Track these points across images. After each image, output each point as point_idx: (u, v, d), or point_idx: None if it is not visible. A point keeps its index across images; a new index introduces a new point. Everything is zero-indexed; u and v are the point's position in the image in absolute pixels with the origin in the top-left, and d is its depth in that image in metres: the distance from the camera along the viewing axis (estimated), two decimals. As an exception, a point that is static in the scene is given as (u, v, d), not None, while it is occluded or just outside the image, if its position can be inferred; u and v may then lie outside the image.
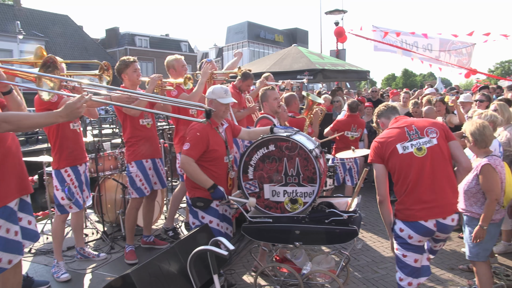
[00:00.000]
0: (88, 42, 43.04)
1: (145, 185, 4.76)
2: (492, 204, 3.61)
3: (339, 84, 14.70)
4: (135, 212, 4.85)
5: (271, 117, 4.76)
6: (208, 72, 5.01)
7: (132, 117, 4.65)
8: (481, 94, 6.55)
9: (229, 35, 60.32)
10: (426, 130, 3.27)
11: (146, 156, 4.75)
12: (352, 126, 6.76)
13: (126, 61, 4.67)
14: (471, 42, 13.85)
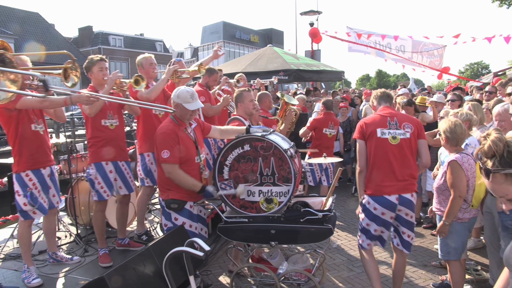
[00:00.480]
0: (60, 40, 41.99)
1: (104, 189, 4.56)
2: (455, 200, 3.65)
3: (314, 84, 14.84)
4: (101, 215, 4.70)
5: (243, 119, 4.71)
6: (171, 70, 4.94)
7: (93, 117, 4.46)
8: (453, 94, 6.68)
9: (205, 35, 60.07)
10: (404, 124, 3.84)
11: (106, 158, 4.54)
12: (329, 123, 6.84)
13: (92, 60, 4.53)
14: (442, 44, 14.20)
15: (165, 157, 3.63)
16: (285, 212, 3.64)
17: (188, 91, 3.82)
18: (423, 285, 4.48)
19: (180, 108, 3.79)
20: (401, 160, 3.75)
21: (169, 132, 3.69)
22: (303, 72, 11.66)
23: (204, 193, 3.71)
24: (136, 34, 55.15)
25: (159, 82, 4.85)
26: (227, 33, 57.98)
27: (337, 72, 13.37)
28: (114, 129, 4.62)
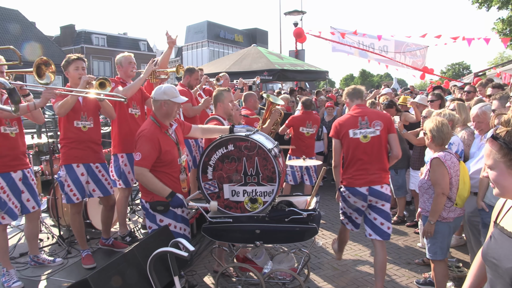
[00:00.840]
0: (41, 39, 41.25)
1: (74, 192, 4.42)
2: (439, 198, 3.69)
3: (298, 84, 14.89)
4: (77, 217, 4.59)
5: (222, 119, 4.70)
6: (150, 69, 4.86)
7: (65, 117, 4.35)
8: (432, 94, 6.74)
9: (189, 34, 59.80)
10: (374, 122, 4.15)
11: (77, 160, 4.43)
12: (307, 122, 6.85)
13: (69, 59, 4.43)
14: (424, 45, 14.39)
15: (136, 159, 3.58)
16: (270, 211, 3.65)
17: (172, 87, 3.82)
18: (406, 283, 4.54)
19: (167, 105, 3.72)
20: (372, 156, 4.11)
21: (149, 136, 3.62)
22: (287, 72, 11.71)
23: (172, 199, 3.60)
24: (120, 33, 54.66)
25: (136, 80, 4.76)
26: (211, 33, 57.82)
27: (321, 72, 13.45)
28: (87, 131, 4.49)
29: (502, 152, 1.62)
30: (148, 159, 3.58)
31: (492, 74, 12.48)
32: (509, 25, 17.93)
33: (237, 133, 3.75)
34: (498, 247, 1.70)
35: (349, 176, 4.18)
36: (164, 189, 3.60)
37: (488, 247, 1.77)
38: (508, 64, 12.99)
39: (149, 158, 3.58)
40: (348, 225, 4.43)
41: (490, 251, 1.74)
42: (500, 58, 40.06)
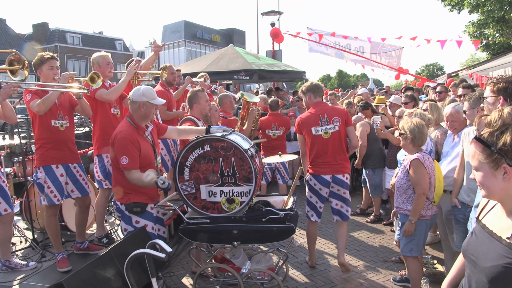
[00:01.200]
0: (12, 37, 40.16)
1: (54, 193, 4.38)
2: (420, 198, 3.75)
3: (276, 84, 14.95)
4: (53, 219, 4.52)
5: (196, 120, 4.68)
6: (132, 71, 4.82)
7: (41, 117, 4.26)
8: (405, 96, 6.83)
9: (166, 34, 59.27)
10: (333, 119, 4.68)
11: (56, 161, 4.38)
12: (272, 124, 6.84)
13: (42, 57, 4.35)
14: (399, 46, 14.65)
15: (124, 163, 3.53)
16: (247, 212, 3.66)
17: (151, 88, 3.81)
18: (383, 281, 4.61)
19: (146, 106, 3.71)
20: (334, 149, 4.68)
21: (127, 137, 3.60)
22: (264, 72, 11.73)
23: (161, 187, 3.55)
24: (95, 32, 53.78)
25: (120, 83, 4.72)
26: (188, 33, 57.46)
27: (298, 72, 13.52)
28: (64, 130, 4.44)
29: (485, 153, 1.64)
30: (135, 160, 3.57)
31: (464, 75, 12.80)
32: (479, 28, 18.39)
33: (213, 134, 3.75)
34: (478, 244, 1.72)
35: (315, 166, 4.79)
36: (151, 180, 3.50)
37: (469, 244, 1.79)
38: (479, 66, 13.34)
39: (136, 158, 3.58)
40: (312, 217, 4.95)
41: (470, 248, 1.76)
42: (472, 60, 41.07)
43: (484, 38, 18.94)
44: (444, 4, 19.13)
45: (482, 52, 20.84)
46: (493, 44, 18.68)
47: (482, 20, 17.91)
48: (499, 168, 1.60)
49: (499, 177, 1.62)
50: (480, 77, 10.28)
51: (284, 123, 6.99)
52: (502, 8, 16.59)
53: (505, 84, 2.74)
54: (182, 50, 56.72)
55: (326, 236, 6.03)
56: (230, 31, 63.68)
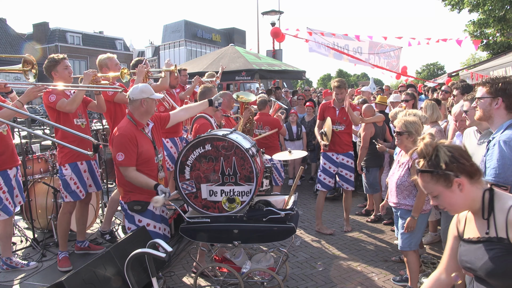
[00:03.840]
0: (12, 37, 40.11)
1: (80, 188, 4.57)
2: (423, 196, 3.83)
3: (276, 84, 14.94)
4: (68, 216, 4.64)
5: (209, 117, 4.71)
6: (143, 71, 4.85)
7: (65, 116, 4.42)
8: (406, 94, 6.82)
9: (166, 33, 59.30)
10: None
11: (81, 158, 4.55)
12: (258, 123, 6.72)
13: (55, 59, 4.48)
14: (398, 46, 14.65)
15: (119, 159, 3.56)
16: (248, 211, 3.65)
17: (147, 85, 3.87)
18: (383, 280, 4.61)
19: (147, 102, 3.74)
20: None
21: (126, 134, 3.61)
22: (265, 71, 11.72)
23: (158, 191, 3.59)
24: (95, 31, 53.75)
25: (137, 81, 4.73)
26: (188, 32, 57.46)
27: (299, 72, 13.52)
28: (85, 128, 4.65)
29: (435, 178, 1.82)
30: (132, 157, 3.59)
31: (464, 75, 12.80)
32: (480, 28, 18.37)
33: (214, 133, 3.75)
34: (468, 253, 1.86)
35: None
36: (150, 182, 3.60)
37: (461, 255, 1.91)
38: (479, 65, 13.33)
39: (132, 156, 3.59)
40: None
41: (464, 258, 1.88)
42: (472, 59, 41.03)
43: (485, 38, 18.91)
44: (444, 4, 19.11)
45: (483, 51, 20.80)
46: (494, 44, 18.65)
47: (482, 20, 17.89)
48: (453, 184, 1.79)
49: (456, 191, 1.81)
50: (481, 77, 10.28)
51: (270, 123, 6.73)
52: (503, 8, 16.57)
53: (504, 85, 2.74)
54: (182, 50, 56.73)
55: (326, 236, 6.02)
56: (231, 30, 63.67)
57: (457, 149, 1.83)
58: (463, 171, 1.79)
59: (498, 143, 2.62)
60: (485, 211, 1.81)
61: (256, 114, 6.85)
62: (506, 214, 1.74)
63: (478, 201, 1.83)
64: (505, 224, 1.74)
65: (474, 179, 1.82)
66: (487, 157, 2.70)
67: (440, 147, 1.82)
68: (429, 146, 1.84)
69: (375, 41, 14.65)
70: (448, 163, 1.78)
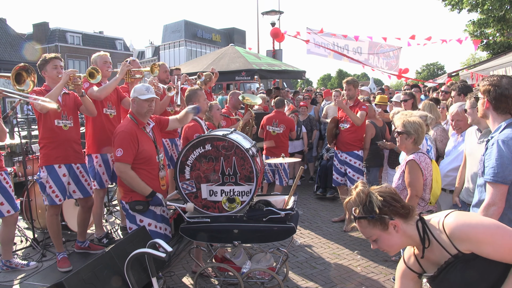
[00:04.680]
0: (12, 37, 39.99)
1: (56, 193, 4.34)
2: (412, 200, 3.69)
3: (276, 84, 14.94)
4: (55, 218, 4.49)
5: (198, 118, 4.71)
6: (124, 70, 4.81)
7: (45, 116, 4.26)
8: (404, 94, 6.81)
9: (166, 33, 59.30)
10: None
11: (59, 160, 4.36)
12: (273, 121, 6.90)
13: (46, 58, 4.39)
14: (397, 46, 14.66)
15: (118, 155, 3.59)
16: (248, 211, 3.66)
17: (144, 85, 3.91)
18: (383, 280, 4.61)
19: (136, 102, 3.78)
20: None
21: (127, 131, 3.65)
22: (265, 71, 11.72)
23: (152, 199, 3.68)
24: (95, 31, 53.75)
25: (111, 81, 4.73)
26: (188, 32, 57.46)
27: (298, 72, 13.51)
28: (68, 130, 4.43)
29: (371, 223, 1.93)
30: (129, 154, 3.60)
31: (464, 75, 12.80)
32: (479, 28, 18.36)
33: (214, 133, 3.75)
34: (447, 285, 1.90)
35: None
36: (146, 188, 3.65)
37: None
38: (479, 65, 13.33)
39: (130, 153, 3.61)
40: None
41: None
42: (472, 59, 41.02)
43: (485, 38, 18.91)
44: (444, 4, 19.11)
45: (483, 51, 20.79)
46: (494, 44, 18.64)
47: (482, 20, 17.88)
48: (389, 227, 1.91)
49: (393, 232, 1.93)
50: (481, 77, 10.29)
51: (286, 121, 6.98)
52: (502, 8, 16.57)
53: (488, 87, 2.75)
54: (182, 50, 56.74)
55: (326, 236, 6.02)
56: (231, 30, 63.66)
57: (388, 192, 1.95)
58: (396, 213, 1.92)
59: (496, 143, 2.62)
60: (426, 240, 1.90)
61: (272, 111, 6.98)
62: (444, 233, 1.83)
63: (416, 235, 1.93)
64: (449, 242, 1.81)
65: (408, 218, 1.93)
66: (486, 156, 2.70)
67: (371, 194, 1.93)
68: (362, 194, 1.95)
69: (375, 41, 14.66)
70: (381, 207, 1.90)
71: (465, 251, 1.78)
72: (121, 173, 3.63)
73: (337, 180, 6.48)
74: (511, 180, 2.57)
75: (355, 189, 2.00)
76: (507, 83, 2.71)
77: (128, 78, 5.04)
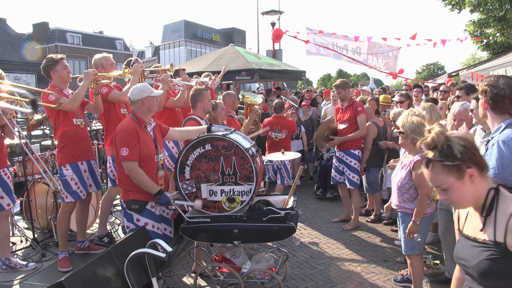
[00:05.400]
0: (12, 37, 39.94)
1: (80, 188, 4.58)
2: (424, 199, 3.75)
3: (276, 84, 14.93)
4: (68, 216, 4.63)
5: (199, 119, 4.70)
6: (139, 70, 4.83)
7: (64, 116, 4.43)
8: (400, 95, 6.79)
9: (166, 33, 59.31)
10: None
11: (81, 158, 4.57)
12: (275, 127, 6.84)
13: (54, 59, 4.49)
14: (396, 46, 14.67)
15: (124, 154, 3.58)
16: (248, 211, 3.65)
17: (144, 84, 3.90)
18: (383, 280, 4.60)
19: (148, 101, 3.77)
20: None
21: (129, 129, 3.65)
22: (265, 71, 11.72)
23: (160, 197, 3.66)
24: (95, 31, 53.75)
25: (131, 83, 4.70)
26: (188, 32, 57.47)
27: (298, 72, 13.51)
28: (84, 128, 4.65)
29: (446, 169, 1.74)
30: (135, 152, 3.61)
31: (464, 75, 12.79)
32: (480, 28, 18.35)
33: (214, 133, 3.75)
34: (464, 250, 1.84)
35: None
36: (154, 186, 3.66)
37: (457, 251, 1.90)
38: (480, 65, 13.33)
39: (135, 151, 3.62)
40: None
41: (459, 254, 1.88)
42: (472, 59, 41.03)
43: (485, 37, 18.90)
44: (444, 4, 19.10)
45: (483, 51, 20.79)
46: (494, 44, 18.64)
47: (483, 20, 17.88)
48: (465, 175, 1.73)
49: (467, 183, 1.74)
50: (481, 77, 10.29)
51: (288, 126, 6.93)
52: (502, 7, 16.56)
53: (486, 87, 2.76)
54: (182, 50, 56.75)
55: (326, 236, 6.02)
56: (231, 30, 63.68)
57: (467, 140, 1.78)
58: (475, 162, 1.75)
59: (496, 143, 2.62)
60: (485, 209, 1.77)
61: (271, 116, 6.95)
62: (507, 219, 1.70)
63: (482, 198, 1.79)
64: (504, 229, 1.70)
65: (483, 172, 1.78)
66: (486, 157, 2.70)
67: (451, 137, 1.77)
68: (441, 135, 1.77)
69: (374, 41, 14.66)
70: (462, 152, 1.73)
71: (510, 246, 1.68)
72: (130, 171, 3.62)
73: (336, 178, 6.48)
74: (511, 181, 2.56)
75: (431, 131, 1.81)
76: (504, 83, 2.71)
77: (141, 79, 5.06)
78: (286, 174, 6.75)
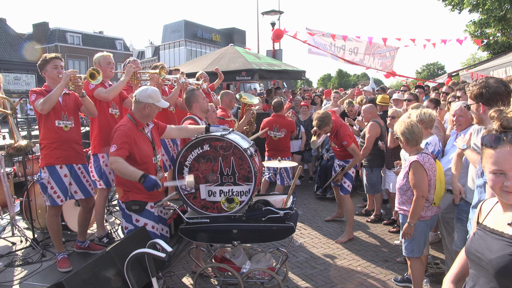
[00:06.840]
0: (12, 37, 39.96)
1: (58, 194, 4.35)
2: (419, 200, 3.71)
3: (276, 84, 14.93)
4: (55, 219, 4.50)
5: (198, 119, 4.70)
6: (131, 71, 4.79)
7: (46, 117, 4.28)
8: (409, 94, 6.83)
9: (166, 33, 59.32)
10: None
11: (60, 161, 4.36)
12: (274, 126, 6.86)
13: (46, 58, 4.39)
14: (394, 46, 14.66)
15: (111, 150, 3.57)
16: (247, 211, 3.66)
17: (156, 90, 3.86)
18: (384, 280, 4.60)
19: (150, 108, 3.76)
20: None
21: (125, 130, 3.64)
22: (265, 71, 11.71)
23: (145, 180, 3.41)
24: (95, 31, 53.77)
25: (119, 82, 4.71)
26: (188, 32, 57.47)
27: (298, 72, 13.50)
28: (69, 130, 4.43)
29: None
30: (123, 150, 3.56)
31: (464, 75, 12.79)
32: (480, 28, 18.33)
33: (212, 133, 3.75)
34: (482, 242, 1.75)
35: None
36: (136, 171, 3.48)
37: (472, 243, 1.82)
38: (480, 65, 13.32)
39: (124, 149, 3.57)
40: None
41: (474, 245, 1.79)
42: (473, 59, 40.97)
43: (485, 38, 18.88)
44: (445, 4, 19.09)
45: (483, 51, 20.76)
46: (494, 44, 18.62)
47: (483, 20, 17.86)
48: None
49: None
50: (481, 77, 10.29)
51: (287, 125, 6.96)
52: (501, 7, 16.55)
53: (480, 90, 2.74)
54: (182, 50, 56.75)
55: (326, 236, 6.03)
56: (231, 30, 63.66)
57: None
58: None
59: None
60: None
61: (271, 115, 6.95)
62: None
63: None
64: None
65: None
66: None
67: None
68: None
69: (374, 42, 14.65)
70: None
71: None
72: (111, 164, 3.55)
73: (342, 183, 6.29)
74: None
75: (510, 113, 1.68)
76: (495, 81, 2.72)
77: (133, 80, 5.03)
78: (286, 175, 6.76)
